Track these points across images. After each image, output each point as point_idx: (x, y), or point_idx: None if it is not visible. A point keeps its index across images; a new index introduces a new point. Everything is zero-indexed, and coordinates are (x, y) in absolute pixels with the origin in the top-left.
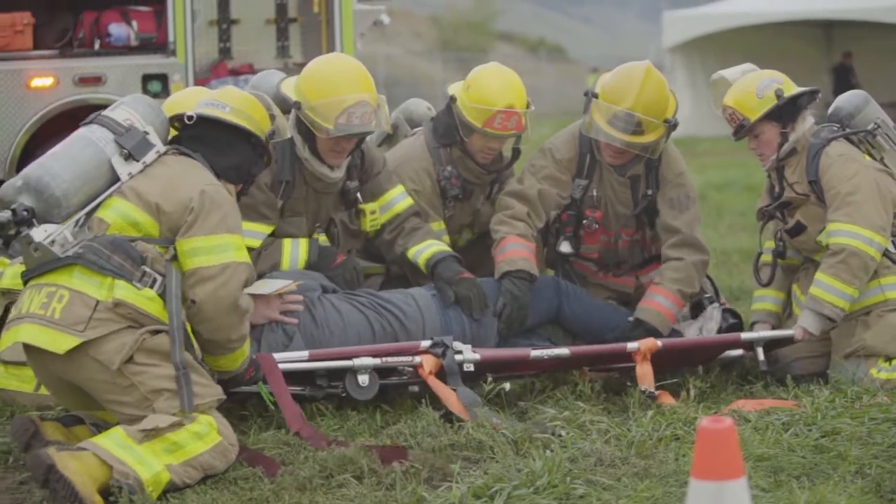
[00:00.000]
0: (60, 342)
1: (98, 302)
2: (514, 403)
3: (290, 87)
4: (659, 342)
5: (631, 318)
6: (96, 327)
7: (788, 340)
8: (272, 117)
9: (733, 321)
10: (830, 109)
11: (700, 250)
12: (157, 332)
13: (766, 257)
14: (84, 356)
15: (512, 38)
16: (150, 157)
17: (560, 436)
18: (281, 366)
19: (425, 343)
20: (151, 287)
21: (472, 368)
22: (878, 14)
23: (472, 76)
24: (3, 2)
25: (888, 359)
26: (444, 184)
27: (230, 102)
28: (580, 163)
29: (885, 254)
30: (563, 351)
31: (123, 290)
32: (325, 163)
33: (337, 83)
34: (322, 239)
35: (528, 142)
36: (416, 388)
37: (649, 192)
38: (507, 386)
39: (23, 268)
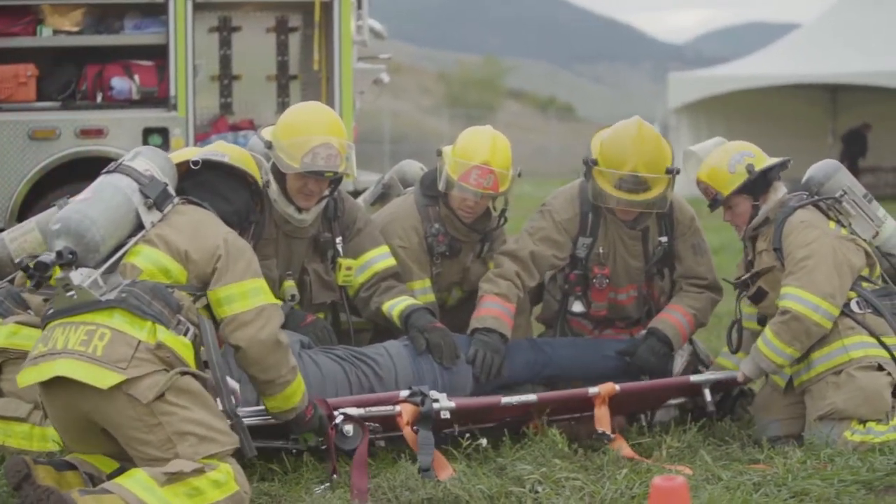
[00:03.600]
0: (103, 378)
1: (140, 342)
2: (493, 460)
3: (267, 131)
4: (617, 386)
5: (642, 333)
6: (137, 366)
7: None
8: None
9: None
10: (804, 178)
11: (719, 291)
12: (186, 373)
13: (750, 324)
14: (117, 392)
15: (521, 95)
16: (168, 207)
17: (536, 492)
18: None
19: (404, 392)
20: (185, 335)
21: (448, 416)
22: (883, 79)
23: (462, 133)
24: (8, 54)
25: (862, 421)
26: (431, 241)
27: (227, 152)
28: (582, 221)
29: (849, 315)
30: (531, 397)
31: (165, 334)
32: (294, 204)
33: (306, 125)
34: (290, 285)
35: (527, 200)
36: (382, 444)
37: (662, 239)
38: (484, 441)
39: (17, 328)
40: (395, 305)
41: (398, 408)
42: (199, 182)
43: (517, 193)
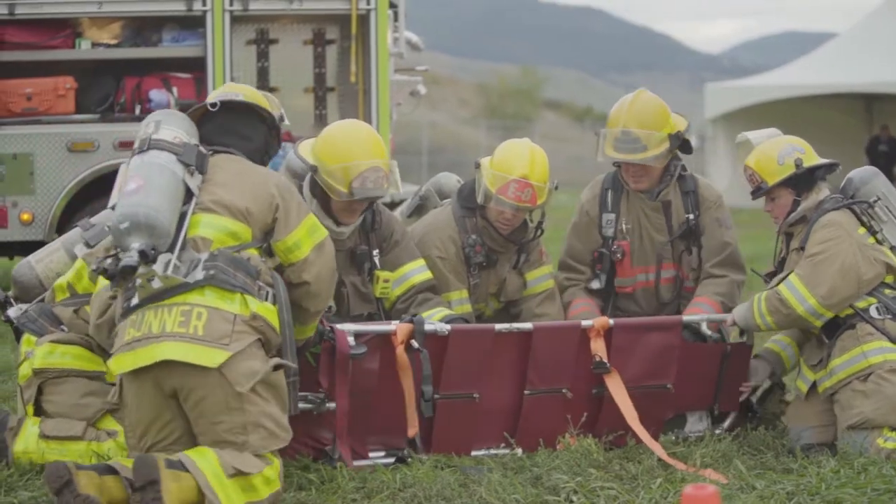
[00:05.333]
0: (211, 357)
1: (236, 316)
2: (528, 469)
3: (306, 149)
4: (611, 321)
5: None
6: (238, 340)
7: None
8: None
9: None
10: (843, 182)
11: (741, 270)
12: (277, 367)
13: None
14: (214, 372)
15: (558, 106)
16: (207, 166)
17: (571, 501)
18: None
19: (396, 322)
20: (267, 300)
21: (446, 333)
22: None
23: (500, 146)
24: (47, 66)
25: (894, 428)
26: (469, 251)
27: (240, 91)
28: (602, 198)
29: (868, 320)
30: (526, 326)
31: (256, 304)
32: (335, 219)
33: (352, 149)
34: None
35: (563, 210)
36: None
37: (689, 216)
38: (520, 451)
39: (52, 347)
40: (431, 316)
41: (394, 327)
42: (219, 125)
43: (553, 204)
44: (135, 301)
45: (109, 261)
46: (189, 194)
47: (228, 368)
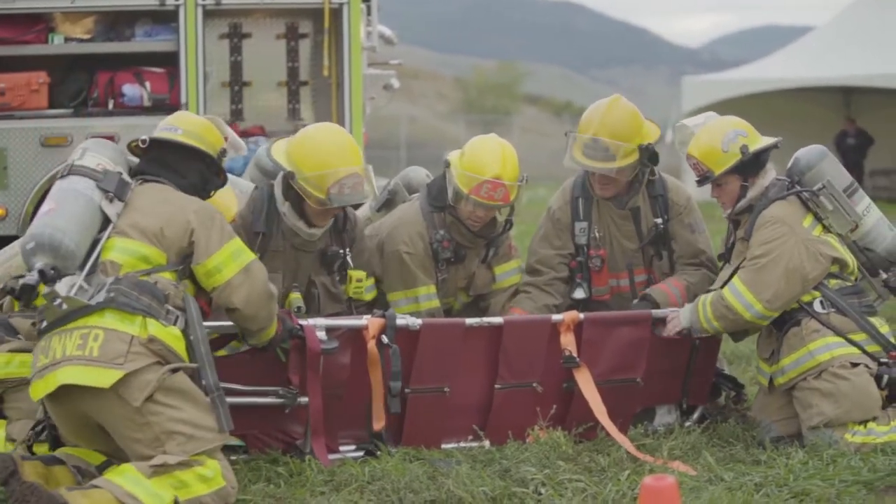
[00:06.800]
0: (104, 377)
1: (133, 337)
2: (497, 462)
3: (279, 151)
4: (581, 315)
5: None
6: (133, 360)
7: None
8: (225, 138)
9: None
10: (790, 162)
11: (715, 270)
12: (177, 370)
13: None
14: (110, 391)
15: (537, 100)
16: (128, 194)
17: (539, 493)
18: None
19: (367, 316)
20: (175, 324)
21: (417, 328)
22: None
23: (468, 144)
24: (20, 61)
25: (861, 422)
26: (437, 247)
27: (182, 125)
28: (573, 206)
29: (814, 315)
30: (497, 320)
31: (156, 327)
32: (307, 221)
33: (329, 156)
34: (296, 297)
35: (541, 204)
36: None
37: (658, 220)
38: (488, 443)
39: (10, 357)
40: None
41: (365, 322)
42: (152, 159)
43: (532, 198)
44: (45, 324)
45: (19, 279)
46: (108, 221)
47: (124, 387)
